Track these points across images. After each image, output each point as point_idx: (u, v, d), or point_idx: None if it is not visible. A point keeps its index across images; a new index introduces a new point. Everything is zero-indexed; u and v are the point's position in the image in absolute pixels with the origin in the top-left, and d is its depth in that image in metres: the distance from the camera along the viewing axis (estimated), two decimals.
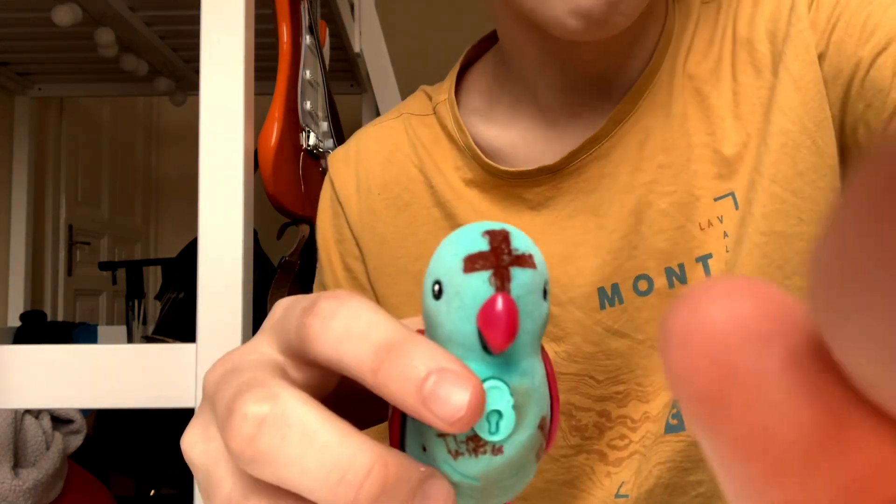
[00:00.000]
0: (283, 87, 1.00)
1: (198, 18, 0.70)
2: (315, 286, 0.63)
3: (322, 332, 0.21)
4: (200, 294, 0.67)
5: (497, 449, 0.20)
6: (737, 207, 0.48)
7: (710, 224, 0.49)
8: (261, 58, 0.78)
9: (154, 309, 2.43)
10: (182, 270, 2.04)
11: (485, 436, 0.20)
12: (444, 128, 0.56)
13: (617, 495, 0.51)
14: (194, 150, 0.69)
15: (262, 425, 0.20)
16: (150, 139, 3.19)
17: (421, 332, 0.23)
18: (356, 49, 1.80)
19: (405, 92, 1.90)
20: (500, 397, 0.20)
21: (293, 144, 1.02)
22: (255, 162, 0.77)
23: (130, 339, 2.18)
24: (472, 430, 0.20)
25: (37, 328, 1.98)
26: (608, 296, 0.51)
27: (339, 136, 1.17)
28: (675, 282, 0.49)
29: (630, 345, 0.50)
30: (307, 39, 1.08)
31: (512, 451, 0.20)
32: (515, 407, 0.20)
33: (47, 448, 1.24)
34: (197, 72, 0.77)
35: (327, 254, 0.60)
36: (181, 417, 0.76)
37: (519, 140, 0.54)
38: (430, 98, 0.59)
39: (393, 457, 0.20)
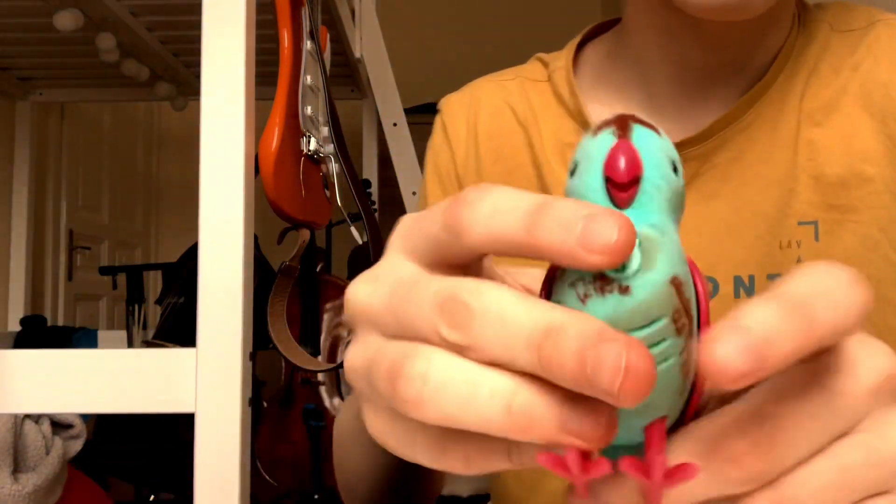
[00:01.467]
0: (283, 92, 1.01)
1: (199, 23, 0.70)
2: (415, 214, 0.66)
3: (473, 215, 0.21)
4: (201, 299, 0.67)
5: (624, 288, 0.20)
6: (817, 239, 0.47)
7: (789, 245, 0.48)
8: (262, 63, 0.78)
9: (154, 314, 2.43)
10: (182, 275, 2.04)
11: (610, 273, 0.20)
12: (557, 94, 0.57)
13: None
14: (195, 155, 0.69)
15: (471, 309, 0.21)
16: (151, 144, 3.19)
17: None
18: (357, 54, 1.80)
19: (406, 97, 1.91)
20: None
21: (294, 149, 1.02)
22: (255, 167, 0.77)
23: (131, 344, 2.18)
24: (600, 270, 0.20)
25: (37, 333, 1.97)
26: None
27: (340, 141, 1.17)
28: (742, 293, 0.48)
29: None
30: (308, 45, 1.08)
31: (642, 294, 0.20)
32: (641, 249, 0.20)
33: (47, 453, 1.23)
34: (198, 77, 0.77)
35: (436, 196, 0.61)
36: (181, 423, 0.76)
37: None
38: (546, 66, 0.59)
39: (566, 317, 0.20)
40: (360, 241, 1.57)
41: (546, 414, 0.19)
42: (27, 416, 1.22)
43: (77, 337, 2.02)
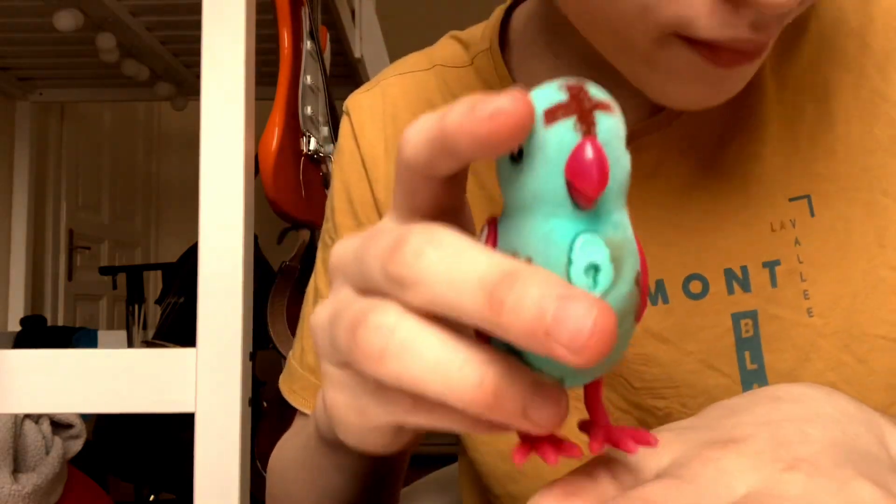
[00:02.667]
0: (283, 92, 1.01)
1: (199, 23, 0.70)
2: (320, 254, 0.57)
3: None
4: (201, 299, 0.67)
5: None
6: (812, 214, 0.42)
7: (781, 226, 0.42)
8: (262, 63, 0.78)
9: (154, 314, 2.43)
10: (182, 275, 2.04)
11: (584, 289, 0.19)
12: (483, 82, 0.50)
13: None
14: (195, 155, 0.69)
15: (422, 251, 0.20)
16: (151, 144, 3.19)
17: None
18: (357, 54, 1.80)
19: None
20: (596, 250, 0.19)
21: (294, 149, 1.02)
22: (255, 167, 0.77)
23: (130, 344, 2.18)
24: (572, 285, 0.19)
25: (37, 333, 1.97)
26: (651, 292, 0.44)
27: None
28: (737, 287, 0.43)
29: (673, 354, 0.43)
30: (308, 45, 1.08)
31: (614, 306, 0.19)
32: (612, 259, 0.19)
33: (47, 453, 1.23)
34: (198, 77, 0.77)
35: (343, 219, 0.54)
36: (181, 422, 0.76)
37: None
38: (467, 48, 0.51)
39: (529, 268, 0.19)
40: None
41: (514, 396, 0.19)
42: (27, 416, 1.22)
43: (77, 337, 2.02)
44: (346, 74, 1.99)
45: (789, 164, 0.43)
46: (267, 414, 2.05)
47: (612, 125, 0.19)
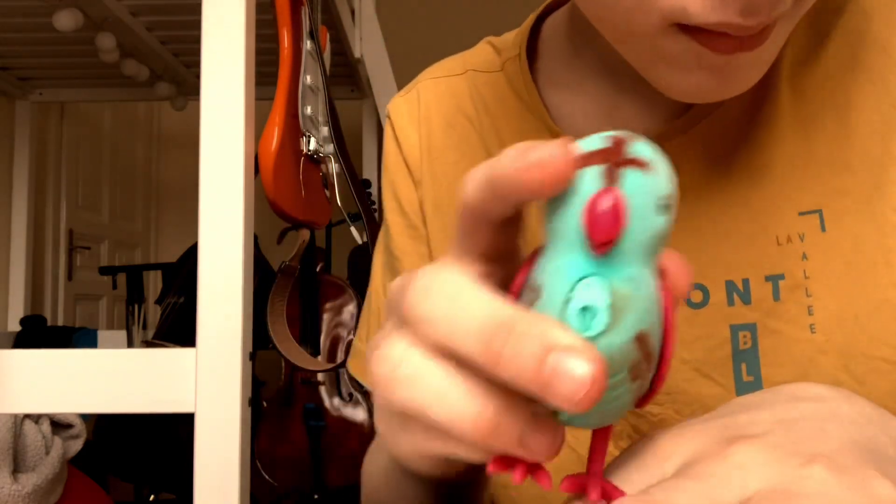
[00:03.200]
0: (283, 92, 1.01)
1: (199, 23, 0.70)
2: (380, 249, 0.59)
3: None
4: (201, 299, 0.67)
5: None
6: (823, 229, 0.41)
7: (789, 240, 0.42)
8: (261, 63, 0.78)
9: (154, 314, 2.43)
10: (182, 275, 2.04)
11: (578, 331, 0.20)
12: (511, 87, 0.51)
13: None
14: (195, 155, 0.69)
15: (426, 291, 0.22)
16: (151, 144, 3.19)
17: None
18: (357, 54, 1.80)
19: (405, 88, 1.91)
20: (597, 294, 0.20)
21: (294, 149, 1.02)
22: (255, 167, 0.77)
23: (130, 344, 2.18)
24: (566, 325, 0.20)
25: (37, 333, 1.98)
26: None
27: (340, 141, 1.17)
28: (737, 299, 0.42)
29: (672, 363, 0.44)
30: (308, 45, 1.08)
31: (604, 354, 0.20)
32: (611, 307, 0.20)
33: (47, 453, 1.23)
34: (198, 77, 0.77)
35: (394, 218, 0.56)
36: (181, 422, 0.76)
37: (590, 109, 0.48)
38: (499, 53, 0.53)
39: (528, 316, 0.21)
40: (360, 241, 1.57)
41: (511, 426, 0.21)
42: (27, 416, 1.22)
43: (77, 337, 2.02)
44: (346, 74, 1.99)
45: (803, 177, 0.42)
46: (267, 414, 2.05)
47: (642, 183, 0.20)
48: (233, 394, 0.66)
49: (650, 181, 0.20)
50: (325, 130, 1.14)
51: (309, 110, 1.06)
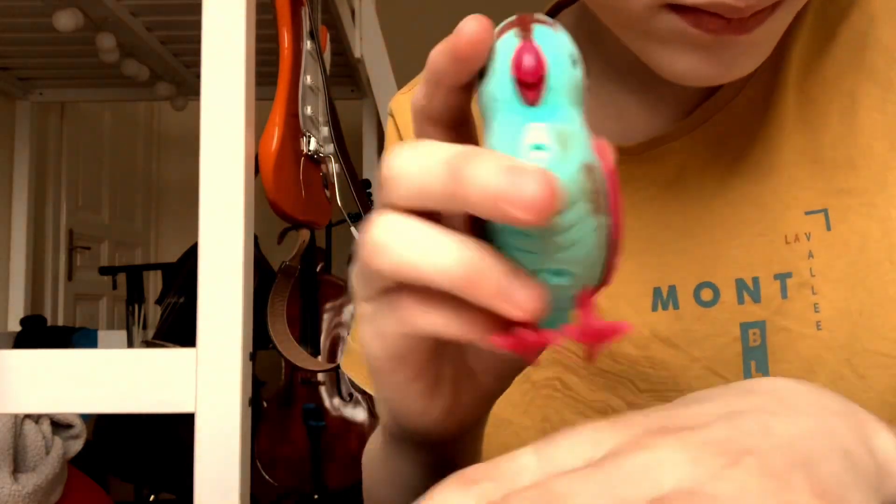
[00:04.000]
0: (283, 92, 1.01)
1: (199, 23, 0.70)
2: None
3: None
4: (201, 299, 0.67)
5: None
6: (828, 228, 0.42)
7: (796, 238, 0.43)
8: (262, 63, 0.78)
9: (154, 314, 2.43)
10: (182, 275, 2.04)
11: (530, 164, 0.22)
12: None
13: None
14: (195, 155, 0.69)
15: (398, 156, 0.25)
16: (151, 144, 3.19)
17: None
18: (357, 54, 1.80)
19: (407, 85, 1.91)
20: (541, 134, 0.22)
21: (294, 149, 1.02)
22: (255, 167, 0.77)
23: (130, 344, 2.18)
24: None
25: (37, 333, 1.98)
26: (663, 297, 0.45)
27: (340, 141, 1.17)
28: (747, 297, 0.43)
29: (681, 360, 0.44)
30: (308, 45, 1.08)
31: (561, 180, 0.22)
32: (557, 140, 0.22)
33: (47, 453, 1.24)
34: (198, 77, 0.77)
35: None
36: (181, 422, 0.76)
37: (598, 111, 0.49)
38: None
39: (484, 150, 0.23)
40: None
41: (492, 273, 0.23)
42: (27, 416, 1.23)
43: (77, 337, 2.03)
44: (346, 74, 1.99)
45: (809, 177, 0.43)
46: (267, 414, 2.05)
47: (549, 33, 0.23)
48: (233, 394, 0.66)
49: (559, 37, 0.23)
50: (325, 130, 1.14)
51: (309, 110, 1.06)
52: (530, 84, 0.23)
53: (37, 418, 1.25)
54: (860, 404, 0.40)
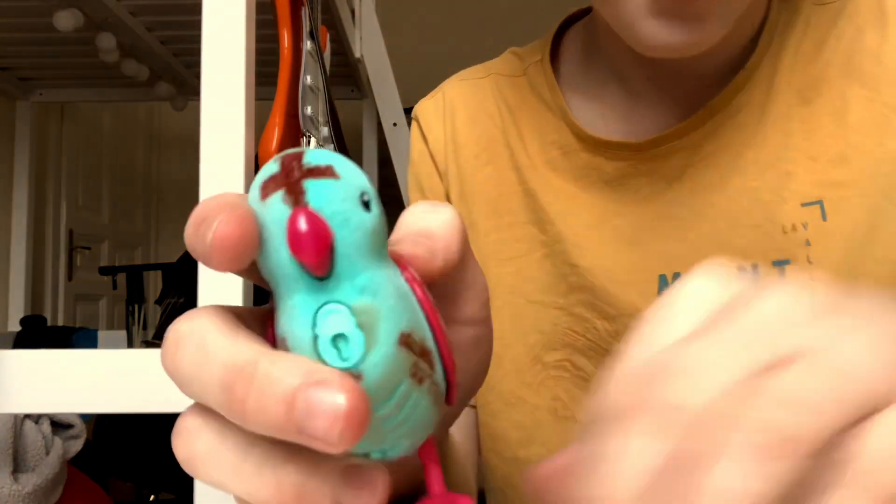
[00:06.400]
0: (283, 92, 1.01)
1: (199, 24, 0.70)
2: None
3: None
4: (201, 299, 0.67)
5: (356, 376, 0.18)
6: (824, 218, 0.46)
7: (793, 228, 0.46)
8: (262, 63, 0.78)
9: (154, 314, 2.43)
10: (182, 275, 2.04)
11: (335, 364, 0.18)
12: (533, 89, 0.56)
13: None
14: (195, 156, 0.69)
15: (179, 340, 0.20)
16: (151, 144, 3.19)
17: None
18: (357, 54, 1.80)
19: (406, 97, 1.91)
20: (339, 320, 0.19)
21: None
22: (255, 167, 0.77)
23: (131, 344, 2.18)
24: (324, 363, 0.18)
25: (37, 333, 1.97)
26: (668, 284, 0.48)
27: (340, 141, 1.17)
28: None
29: None
30: (308, 45, 1.08)
31: (374, 374, 0.19)
32: (360, 326, 0.19)
33: (47, 453, 1.24)
34: (198, 77, 0.77)
35: (417, 197, 0.60)
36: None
37: (608, 113, 0.53)
38: (522, 60, 0.58)
39: (269, 356, 0.18)
40: None
41: (321, 492, 0.18)
42: (27, 416, 1.22)
43: (77, 337, 2.02)
44: (346, 74, 1.99)
45: (805, 171, 0.46)
46: None
47: (328, 187, 0.19)
48: None
49: (338, 184, 0.19)
50: (325, 130, 1.14)
51: (309, 110, 1.06)
52: (314, 264, 0.18)
53: (37, 418, 1.25)
54: None
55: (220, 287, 0.67)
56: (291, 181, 0.19)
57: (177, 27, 1.75)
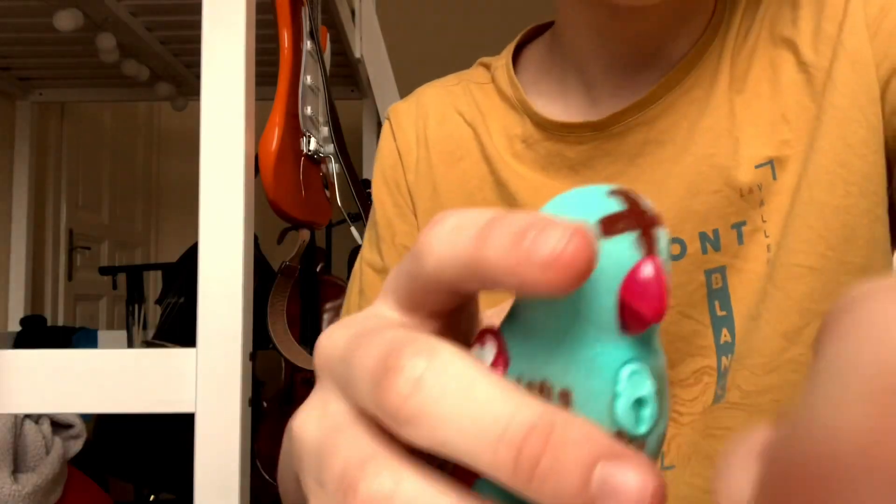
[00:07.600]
0: (283, 92, 1.01)
1: (199, 23, 0.70)
2: (366, 231, 0.66)
3: (433, 235, 0.19)
4: (201, 299, 0.67)
5: (640, 445, 0.17)
6: (774, 177, 0.49)
7: (750, 191, 0.49)
8: (262, 63, 0.78)
9: (154, 314, 2.43)
10: (182, 275, 2.04)
11: (632, 430, 0.17)
12: (499, 91, 0.60)
13: (662, 468, 0.50)
14: (195, 155, 0.69)
15: (420, 381, 0.17)
16: (151, 144, 3.19)
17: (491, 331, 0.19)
18: (357, 54, 1.80)
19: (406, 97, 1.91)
20: (643, 383, 0.17)
21: (294, 149, 1.02)
22: (255, 167, 0.77)
23: (131, 344, 2.18)
24: (617, 425, 0.17)
25: (37, 333, 1.97)
26: None
27: (340, 141, 1.17)
28: (709, 248, 0.49)
29: None
30: (308, 45, 1.08)
31: (653, 446, 0.17)
32: (657, 396, 0.17)
33: (47, 453, 1.24)
34: (198, 77, 0.77)
35: (380, 196, 0.63)
36: (181, 422, 0.77)
37: (570, 106, 0.56)
38: (488, 68, 0.62)
39: (563, 416, 0.16)
40: (360, 242, 1.57)
41: (570, 462, 0.16)
42: (27, 416, 1.23)
43: (77, 337, 2.02)
44: (346, 74, 1.99)
45: (754, 136, 0.49)
46: (267, 414, 2.05)
47: (666, 243, 0.17)
48: (233, 394, 0.66)
49: (667, 237, 0.18)
50: (325, 130, 1.14)
51: (309, 110, 1.06)
52: (653, 319, 0.16)
53: (37, 418, 1.25)
54: (780, 313, 0.47)
55: (220, 287, 0.67)
56: (645, 225, 0.17)
57: (177, 27, 1.75)
